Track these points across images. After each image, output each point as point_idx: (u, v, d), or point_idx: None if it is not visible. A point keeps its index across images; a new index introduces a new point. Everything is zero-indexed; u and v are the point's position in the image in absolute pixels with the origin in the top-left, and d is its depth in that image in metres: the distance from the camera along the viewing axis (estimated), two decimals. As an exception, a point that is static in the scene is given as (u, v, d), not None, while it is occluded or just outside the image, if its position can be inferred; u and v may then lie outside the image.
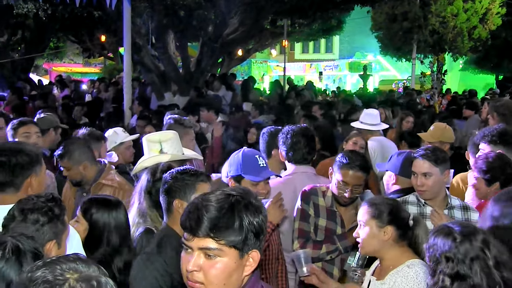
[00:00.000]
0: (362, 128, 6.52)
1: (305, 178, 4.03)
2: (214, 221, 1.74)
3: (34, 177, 2.79)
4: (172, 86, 13.51)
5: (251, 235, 1.77)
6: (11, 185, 2.71)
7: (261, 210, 1.83)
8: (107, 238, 3.15)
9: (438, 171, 3.53)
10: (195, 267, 1.77)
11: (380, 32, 22.89)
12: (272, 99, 14.19)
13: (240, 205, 1.78)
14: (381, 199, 3.06)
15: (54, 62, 30.70)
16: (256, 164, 3.27)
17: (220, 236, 1.74)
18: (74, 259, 1.46)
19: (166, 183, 2.83)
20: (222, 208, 1.76)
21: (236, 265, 1.77)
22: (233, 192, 1.83)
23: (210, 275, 1.76)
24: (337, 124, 8.33)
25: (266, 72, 34.92)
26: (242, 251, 1.77)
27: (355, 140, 5.36)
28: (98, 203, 3.21)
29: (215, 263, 1.76)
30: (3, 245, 1.97)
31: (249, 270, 1.82)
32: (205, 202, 1.79)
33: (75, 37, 22.26)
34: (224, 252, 1.75)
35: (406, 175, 4.05)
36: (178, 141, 4.23)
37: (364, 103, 14.57)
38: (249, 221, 1.77)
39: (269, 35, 19.75)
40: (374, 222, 2.93)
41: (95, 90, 16.09)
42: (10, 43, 19.45)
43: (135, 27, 11.82)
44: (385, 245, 2.93)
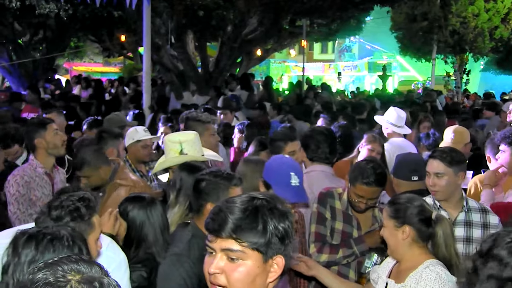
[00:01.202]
0: (388, 127, 6.42)
1: (322, 176, 4.02)
2: (237, 222, 1.71)
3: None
4: (191, 85, 13.57)
5: (276, 239, 1.73)
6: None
7: (287, 216, 1.78)
8: (145, 236, 3.20)
9: (452, 172, 3.49)
10: (216, 270, 1.73)
11: (399, 32, 22.72)
12: (290, 99, 14.16)
13: (264, 209, 1.74)
14: (402, 199, 3.00)
15: (75, 61, 30.99)
16: (287, 181, 3.17)
17: (243, 238, 1.70)
18: (76, 260, 1.44)
19: (199, 185, 2.84)
20: (246, 210, 1.73)
21: (259, 269, 1.73)
22: (259, 195, 1.81)
23: (232, 279, 1.73)
24: (356, 124, 8.28)
25: (284, 72, 34.87)
26: (266, 255, 1.73)
27: (372, 147, 5.32)
28: (134, 202, 3.25)
29: (237, 266, 1.72)
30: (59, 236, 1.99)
31: (274, 276, 1.78)
32: (230, 204, 1.77)
33: (95, 36, 22.43)
34: (246, 255, 1.71)
35: (402, 177, 4.08)
36: (199, 141, 4.24)
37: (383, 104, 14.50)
38: (274, 225, 1.73)
39: (288, 35, 19.68)
40: (392, 222, 2.90)
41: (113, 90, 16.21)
42: (32, 43, 19.67)
43: (154, 27, 11.88)
44: (404, 245, 2.88)
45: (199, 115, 5.04)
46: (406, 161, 4.20)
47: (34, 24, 17.96)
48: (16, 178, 4.23)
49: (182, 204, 3.32)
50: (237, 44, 13.44)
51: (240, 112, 10.27)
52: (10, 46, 18.59)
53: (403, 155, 4.37)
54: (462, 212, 3.54)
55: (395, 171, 4.21)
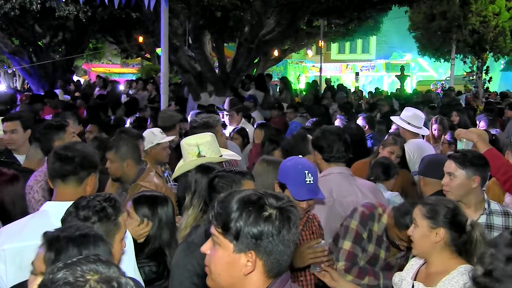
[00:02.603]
0: (406, 128, 6.35)
1: (341, 178, 3.96)
2: (219, 210, 1.82)
3: (94, 177, 2.90)
4: (208, 86, 13.60)
5: (247, 234, 1.76)
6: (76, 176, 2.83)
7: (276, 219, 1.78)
8: (158, 234, 3.25)
9: (464, 174, 3.44)
10: (203, 249, 1.89)
11: (418, 32, 22.54)
12: (307, 99, 14.14)
13: (249, 204, 1.79)
14: (437, 200, 2.93)
15: (93, 62, 31.30)
16: (302, 180, 3.15)
17: (218, 224, 1.81)
18: (95, 260, 1.48)
19: (213, 182, 2.88)
20: (232, 201, 1.81)
21: (230, 258, 1.80)
22: (260, 192, 1.84)
23: (209, 260, 1.87)
24: (375, 125, 8.23)
25: (302, 73, 34.80)
26: (236, 246, 1.79)
27: (391, 150, 5.30)
28: (149, 199, 3.28)
29: (215, 250, 1.84)
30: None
31: (248, 270, 1.80)
32: (229, 194, 1.86)
33: (113, 38, 22.65)
34: (220, 241, 1.81)
35: (434, 175, 4.02)
36: (216, 142, 4.23)
37: (401, 104, 14.40)
38: (247, 221, 1.77)
39: (305, 35, 19.66)
40: (427, 223, 2.82)
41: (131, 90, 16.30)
42: (52, 45, 19.89)
43: (172, 28, 11.93)
44: (436, 248, 2.81)
45: (204, 119, 5.05)
46: (435, 160, 4.16)
47: (54, 26, 18.19)
48: (41, 183, 4.14)
49: (196, 206, 3.32)
50: (254, 44, 13.43)
51: (257, 113, 10.26)
52: (31, 48, 18.83)
53: (431, 155, 4.31)
54: (483, 215, 3.50)
55: (424, 170, 4.16)
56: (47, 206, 2.85)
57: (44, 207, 2.85)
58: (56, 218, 2.59)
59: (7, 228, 2.86)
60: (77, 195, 2.70)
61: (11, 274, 2.62)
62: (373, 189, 4.11)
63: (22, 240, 2.64)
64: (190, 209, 3.37)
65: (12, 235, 2.71)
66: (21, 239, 2.66)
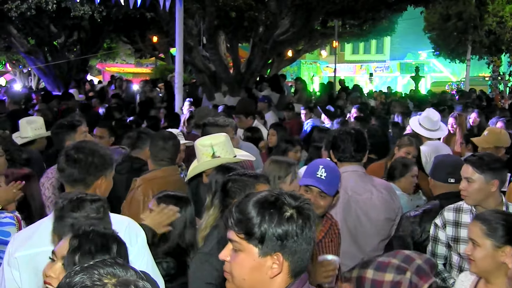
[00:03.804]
0: (417, 131, 6.30)
1: (356, 177, 3.93)
2: (238, 215, 1.80)
3: (104, 179, 2.87)
4: (222, 86, 13.60)
5: (272, 236, 1.76)
6: (83, 182, 2.80)
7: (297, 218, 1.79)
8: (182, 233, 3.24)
9: (482, 178, 3.38)
10: (222, 256, 1.85)
11: (433, 32, 22.38)
12: (322, 100, 14.08)
13: (269, 205, 1.78)
14: (495, 214, 2.76)
15: (107, 62, 31.46)
16: (314, 172, 3.17)
17: (239, 230, 1.79)
18: (112, 264, 1.47)
19: (226, 185, 2.87)
20: (250, 204, 1.80)
21: (255, 262, 1.78)
22: (275, 193, 1.84)
23: (232, 267, 1.83)
24: (389, 126, 8.17)
25: (315, 73, 34.72)
26: (261, 250, 1.77)
27: (407, 150, 5.26)
28: (174, 199, 3.28)
29: (237, 256, 1.81)
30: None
31: (275, 272, 1.79)
32: (245, 198, 1.85)
33: (128, 38, 22.74)
34: (243, 247, 1.79)
35: (438, 178, 4.01)
36: (230, 143, 4.21)
37: (415, 106, 14.28)
38: (272, 224, 1.76)
39: (319, 35, 19.59)
40: (490, 242, 2.65)
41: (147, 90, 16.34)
42: (67, 44, 20.03)
43: (186, 28, 11.95)
44: (502, 268, 2.64)
45: (216, 119, 5.02)
46: (444, 162, 4.12)
47: (69, 26, 18.31)
48: (52, 180, 4.20)
49: (217, 206, 3.31)
50: (268, 45, 13.41)
51: (272, 113, 10.22)
52: (46, 47, 18.98)
53: (441, 156, 4.29)
54: None
55: (432, 172, 4.14)
56: None
57: None
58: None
59: (19, 235, 2.86)
60: None
61: (25, 281, 2.63)
62: (388, 188, 4.09)
63: (33, 246, 2.64)
64: (211, 209, 3.37)
65: (23, 242, 2.70)
66: (32, 245, 2.65)
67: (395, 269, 2.24)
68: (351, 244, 3.77)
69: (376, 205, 3.87)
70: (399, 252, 2.42)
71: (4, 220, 3.33)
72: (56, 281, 1.97)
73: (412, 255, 2.39)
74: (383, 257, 2.46)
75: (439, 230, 3.59)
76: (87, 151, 2.82)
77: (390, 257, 2.36)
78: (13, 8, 13.57)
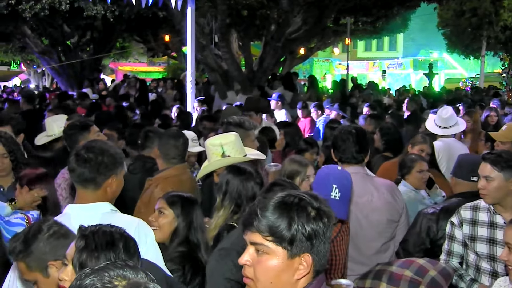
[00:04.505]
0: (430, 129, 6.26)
1: (357, 179, 3.79)
2: (263, 217, 1.76)
3: (114, 178, 2.86)
4: (235, 85, 13.58)
5: (302, 237, 1.75)
6: (93, 182, 2.79)
7: (321, 217, 1.79)
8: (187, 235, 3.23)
9: (502, 176, 3.32)
10: (244, 261, 1.80)
11: (447, 29, 22.18)
12: (335, 98, 14.00)
13: (293, 207, 1.77)
14: None
15: (120, 61, 31.60)
16: (327, 193, 3.07)
17: (267, 233, 1.75)
18: (122, 266, 1.47)
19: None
20: (274, 206, 1.77)
21: (284, 265, 1.76)
22: (296, 193, 1.83)
23: (257, 271, 1.78)
24: (403, 124, 8.10)
25: (328, 71, 34.61)
26: (290, 252, 1.75)
27: (420, 148, 5.24)
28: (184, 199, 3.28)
29: (262, 259, 1.77)
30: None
31: (302, 274, 1.78)
32: (265, 199, 1.82)
33: (140, 37, 22.80)
34: (271, 249, 1.76)
35: (460, 176, 3.97)
36: (240, 142, 4.18)
37: (429, 103, 14.17)
38: (300, 224, 1.75)
39: (332, 33, 19.50)
40: None
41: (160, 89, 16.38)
42: (80, 44, 20.15)
43: (198, 26, 11.94)
44: None
45: (241, 120, 4.96)
46: (466, 160, 4.09)
47: (82, 26, 18.42)
48: (68, 181, 4.18)
49: (227, 207, 3.31)
50: (280, 43, 13.37)
51: (285, 112, 10.19)
52: (59, 47, 19.11)
53: (463, 155, 4.24)
54: None
55: (455, 170, 4.09)
56: (68, 208, 2.86)
57: (66, 210, 2.86)
58: (77, 221, 2.60)
59: None
60: (97, 198, 2.76)
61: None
62: (390, 188, 3.99)
63: None
64: (221, 210, 3.35)
65: None
66: None
67: (408, 283, 2.21)
68: (352, 248, 3.70)
69: (377, 207, 3.80)
70: (413, 262, 2.38)
71: (15, 220, 3.35)
72: (69, 283, 1.97)
73: (426, 265, 2.35)
74: (396, 266, 2.43)
75: (456, 228, 3.54)
76: (97, 150, 2.81)
77: (404, 268, 2.32)
78: (27, 8, 13.68)
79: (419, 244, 3.82)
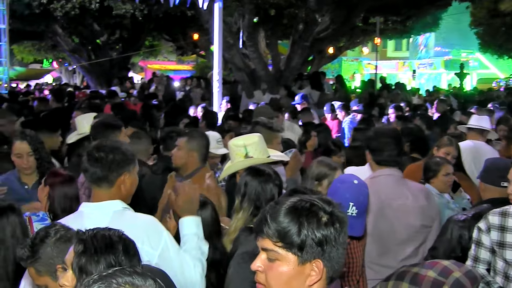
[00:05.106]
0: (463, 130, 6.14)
1: (391, 181, 3.79)
2: (273, 223, 1.74)
3: (127, 175, 2.84)
4: (262, 84, 13.55)
5: (312, 243, 1.72)
6: (106, 180, 2.79)
7: (333, 223, 1.76)
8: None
9: None
10: (255, 266, 1.80)
11: (480, 28, 21.75)
12: (363, 98, 13.85)
13: (303, 212, 1.74)
14: None
15: (149, 59, 31.87)
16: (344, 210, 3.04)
17: (277, 239, 1.73)
18: (131, 273, 1.45)
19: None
20: (285, 212, 1.75)
21: (294, 271, 1.74)
22: (308, 198, 1.80)
23: (268, 277, 1.77)
24: (433, 126, 7.94)
25: (357, 70, 34.32)
26: (301, 258, 1.73)
27: (447, 151, 5.09)
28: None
29: (273, 265, 1.76)
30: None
31: (314, 280, 1.75)
32: (276, 205, 1.79)
33: (169, 35, 22.96)
34: (281, 256, 1.74)
35: (489, 181, 3.85)
36: (263, 143, 4.14)
37: (460, 103, 13.91)
38: (310, 230, 1.72)
39: (361, 32, 19.33)
40: None
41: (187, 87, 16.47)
42: (109, 42, 20.40)
43: (226, 25, 11.94)
44: None
45: (270, 122, 4.90)
46: (496, 165, 3.96)
47: (111, 24, 18.64)
48: None
49: (246, 209, 3.25)
50: (308, 42, 13.29)
51: (313, 112, 10.11)
52: (89, 46, 19.38)
53: (492, 159, 4.11)
54: None
55: (483, 175, 3.97)
56: (82, 206, 2.86)
57: (80, 208, 2.86)
58: (90, 220, 2.64)
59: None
60: (111, 196, 2.77)
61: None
62: (425, 192, 3.92)
63: None
64: (240, 212, 3.31)
65: None
66: None
67: (430, 283, 2.13)
68: (382, 251, 3.64)
69: (412, 211, 3.72)
70: (437, 264, 2.30)
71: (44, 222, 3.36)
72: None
73: (451, 266, 2.27)
74: (420, 267, 2.36)
75: (483, 234, 3.44)
76: (107, 149, 2.81)
77: (427, 269, 2.24)
78: (58, 7, 13.93)
79: (450, 251, 3.71)
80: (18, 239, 2.58)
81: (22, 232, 2.75)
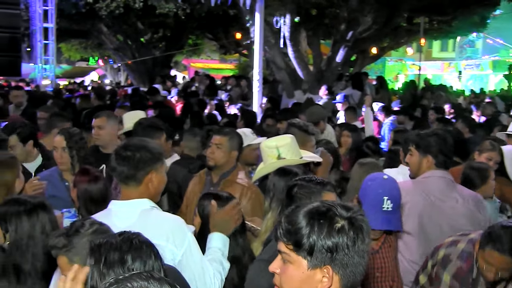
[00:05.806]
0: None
1: (442, 182, 3.72)
2: (287, 226, 1.76)
3: (155, 174, 2.86)
4: (302, 84, 13.49)
5: (321, 248, 1.71)
6: (134, 179, 2.82)
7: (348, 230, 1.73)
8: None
9: None
10: (272, 268, 1.82)
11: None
12: (405, 99, 13.62)
13: (318, 216, 1.74)
14: None
15: (192, 58, 32.13)
16: (379, 206, 2.98)
17: (288, 242, 1.75)
18: (147, 277, 1.45)
19: (291, 190, 2.77)
20: (300, 215, 1.75)
21: (304, 275, 1.74)
22: (326, 204, 1.79)
23: (282, 280, 1.80)
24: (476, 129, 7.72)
25: (400, 71, 33.75)
26: (310, 262, 1.73)
27: (489, 156, 4.91)
28: (210, 198, 3.22)
29: (286, 268, 1.78)
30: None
31: (325, 286, 1.74)
32: (295, 208, 1.80)
33: (212, 34, 23.11)
34: (293, 259, 1.75)
35: None
36: (296, 145, 4.11)
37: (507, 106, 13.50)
38: (320, 236, 1.71)
39: (405, 32, 18.97)
40: None
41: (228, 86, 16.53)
42: (152, 41, 20.69)
43: (267, 25, 11.94)
44: None
45: (306, 124, 4.85)
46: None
47: (155, 23, 18.91)
48: None
49: (275, 209, 3.24)
50: (350, 42, 13.14)
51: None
52: (133, 44, 19.72)
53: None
54: None
55: None
56: (111, 204, 2.89)
57: (110, 206, 2.89)
58: (118, 218, 2.70)
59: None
60: (140, 194, 2.80)
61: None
62: (476, 198, 3.80)
63: None
64: (269, 213, 3.30)
65: None
66: None
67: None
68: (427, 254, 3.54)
69: (461, 214, 3.63)
70: None
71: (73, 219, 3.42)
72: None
73: None
74: None
75: None
76: (134, 148, 2.84)
77: None
78: (104, 7, 14.25)
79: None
80: (48, 235, 2.63)
81: (52, 229, 2.78)
